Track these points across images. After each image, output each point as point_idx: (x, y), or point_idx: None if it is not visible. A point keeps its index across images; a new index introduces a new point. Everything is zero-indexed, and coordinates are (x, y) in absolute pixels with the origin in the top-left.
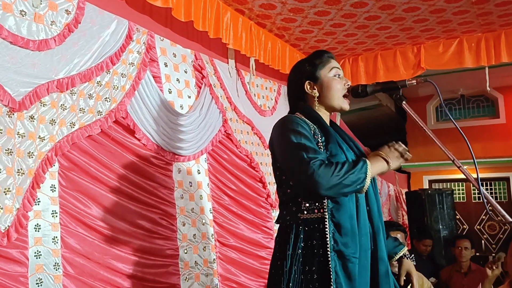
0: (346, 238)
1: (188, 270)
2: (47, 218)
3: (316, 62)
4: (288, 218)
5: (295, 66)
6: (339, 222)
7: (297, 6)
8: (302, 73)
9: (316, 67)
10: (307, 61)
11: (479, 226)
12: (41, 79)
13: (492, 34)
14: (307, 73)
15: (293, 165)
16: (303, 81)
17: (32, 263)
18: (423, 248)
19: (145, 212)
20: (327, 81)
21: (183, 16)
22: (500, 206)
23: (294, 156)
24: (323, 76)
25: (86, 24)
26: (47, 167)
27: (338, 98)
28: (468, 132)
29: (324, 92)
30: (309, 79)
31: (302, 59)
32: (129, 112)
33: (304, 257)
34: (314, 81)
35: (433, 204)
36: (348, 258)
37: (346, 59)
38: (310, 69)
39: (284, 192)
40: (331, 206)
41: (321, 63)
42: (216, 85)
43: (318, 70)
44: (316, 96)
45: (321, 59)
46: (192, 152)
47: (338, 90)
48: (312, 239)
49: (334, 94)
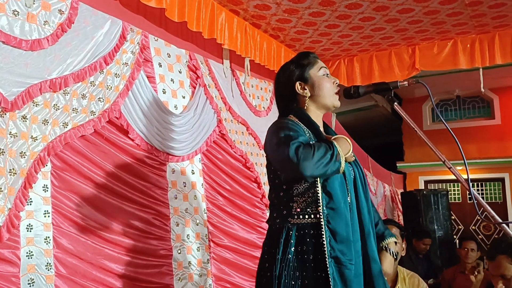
0: (342, 245)
1: (182, 271)
2: (39, 218)
3: (304, 63)
4: (278, 221)
5: (282, 68)
6: (335, 229)
7: (291, 7)
8: (291, 75)
9: (305, 68)
10: (294, 63)
11: (474, 226)
12: (33, 79)
13: (486, 35)
14: (297, 74)
15: (279, 155)
16: (293, 82)
17: (24, 263)
18: (423, 247)
19: (139, 213)
20: (318, 80)
21: (177, 17)
22: (495, 206)
23: (279, 148)
24: (313, 76)
25: (80, 24)
26: (40, 167)
27: (330, 96)
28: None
29: (316, 91)
30: (299, 80)
31: (287, 62)
32: (123, 112)
33: (296, 263)
34: (304, 82)
35: (428, 204)
36: (344, 264)
37: (341, 60)
38: (299, 70)
39: (277, 195)
40: (326, 212)
41: (309, 64)
42: (211, 85)
43: (307, 70)
44: (307, 96)
45: (309, 60)
46: (186, 152)
47: (329, 88)
48: (305, 245)
49: (326, 92)
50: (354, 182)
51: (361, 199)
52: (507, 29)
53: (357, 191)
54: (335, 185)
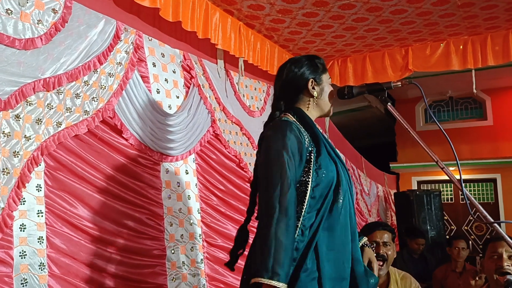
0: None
1: (175, 271)
2: (33, 217)
3: (318, 65)
4: None
5: (295, 61)
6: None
7: (285, 7)
8: (307, 70)
9: (320, 70)
10: (309, 61)
11: (467, 227)
12: (27, 78)
13: (478, 37)
14: (313, 72)
15: (263, 188)
16: (308, 78)
17: (17, 263)
18: (416, 246)
19: (132, 212)
20: (326, 86)
21: (171, 17)
22: (487, 207)
23: (269, 184)
24: (325, 81)
25: (73, 23)
26: (33, 166)
27: (330, 105)
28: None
29: (322, 96)
30: (313, 78)
31: (301, 56)
32: (117, 112)
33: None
34: (317, 82)
35: (421, 205)
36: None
37: (335, 60)
38: (315, 69)
39: None
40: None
41: (324, 69)
42: (205, 86)
43: (322, 73)
44: (314, 96)
45: (323, 65)
46: (180, 152)
47: (331, 98)
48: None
49: (328, 100)
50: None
51: (350, 201)
52: (498, 30)
53: (348, 195)
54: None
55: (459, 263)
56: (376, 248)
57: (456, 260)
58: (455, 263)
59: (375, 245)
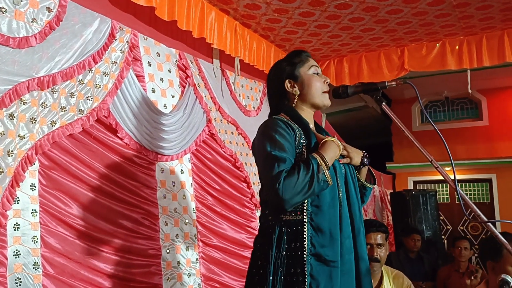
0: (325, 242)
1: (171, 270)
2: (27, 217)
3: (295, 61)
4: (270, 218)
5: (274, 66)
6: (318, 226)
7: (281, 7)
8: (281, 72)
9: (295, 66)
10: (286, 60)
11: (462, 227)
12: (21, 76)
13: (474, 37)
14: (287, 72)
15: (263, 178)
16: (283, 80)
17: (11, 262)
18: (412, 243)
19: (127, 212)
20: (307, 78)
21: (167, 16)
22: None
23: (264, 169)
24: (303, 74)
25: (68, 22)
26: (27, 165)
27: (319, 95)
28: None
29: (305, 90)
30: (289, 77)
31: (280, 59)
32: (112, 111)
33: (288, 259)
34: (294, 80)
35: (417, 205)
36: (326, 261)
37: (331, 60)
38: (290, 68)
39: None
40: (310, 210)
41: (300, 62)
42: (201, 85)
43: (298, 68)
44: (296, 94)
45: (300, 58)
46: (175, 151)
47: (318, 87)
48: (294, 242)
49: (315, 92)
50: (345, 178)
51: (352, 195)
52: (494, 31)
53: (348, 187)
54: None
55: (462, 263)
56: (369, 251)
57: (459, 260)
58: (458, 263)
59: (369, 247)
